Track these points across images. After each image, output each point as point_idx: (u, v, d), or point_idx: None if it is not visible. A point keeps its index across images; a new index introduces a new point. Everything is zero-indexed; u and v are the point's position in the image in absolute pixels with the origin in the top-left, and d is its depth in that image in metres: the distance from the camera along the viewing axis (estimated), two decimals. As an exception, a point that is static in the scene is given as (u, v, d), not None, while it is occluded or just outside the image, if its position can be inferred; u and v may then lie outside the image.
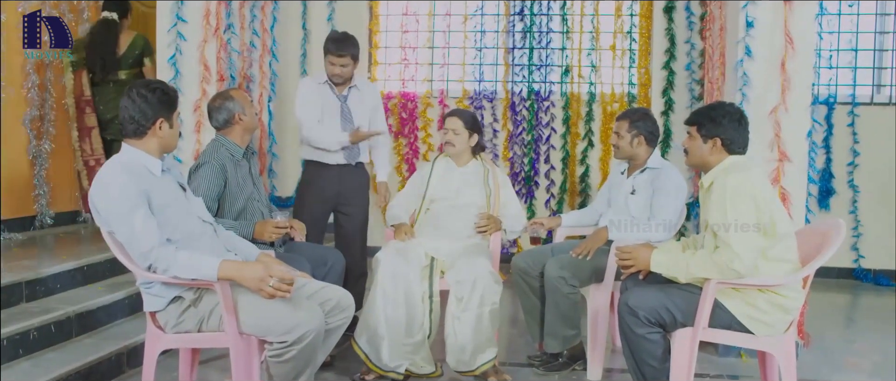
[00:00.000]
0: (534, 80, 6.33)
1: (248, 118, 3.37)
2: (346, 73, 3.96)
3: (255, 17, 5.07)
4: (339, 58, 3.91)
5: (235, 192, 3.31)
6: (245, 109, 3.35)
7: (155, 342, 2.76)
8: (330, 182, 4.06)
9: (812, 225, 3.23)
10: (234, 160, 3.33)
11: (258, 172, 3.51)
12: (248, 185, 3.38)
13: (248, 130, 3.39)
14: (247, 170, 3.41)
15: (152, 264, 2.53)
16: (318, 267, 3.36)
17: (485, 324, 3.41)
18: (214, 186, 3.23)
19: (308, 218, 3.81)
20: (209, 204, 3.14)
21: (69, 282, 3.88)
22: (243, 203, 3.34)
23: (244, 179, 3.37)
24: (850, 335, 4.60)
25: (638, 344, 2.86)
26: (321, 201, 4.08)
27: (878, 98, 6.05)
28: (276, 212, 3.48)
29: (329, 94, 4.03)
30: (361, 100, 4.09)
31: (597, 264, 3.52)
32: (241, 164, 3.37)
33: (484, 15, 6.40)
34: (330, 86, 4.04)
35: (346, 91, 4.05)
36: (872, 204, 5.95)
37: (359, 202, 4.16)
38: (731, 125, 2.87)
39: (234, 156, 3.33)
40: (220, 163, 3.25)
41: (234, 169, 3.31)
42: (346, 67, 3.94)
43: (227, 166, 3.28)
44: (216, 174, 3.23)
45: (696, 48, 5.96)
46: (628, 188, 3.69)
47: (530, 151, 6.33)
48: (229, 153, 3.32)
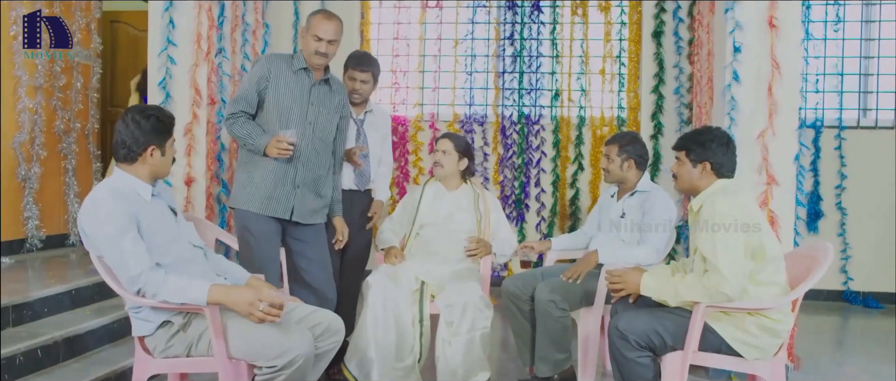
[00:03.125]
0: (524, 103, 6.37)
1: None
2: (365, 90, 3.80)
3: (246, 41, 5.09)
4: (362, 73, 3.78)
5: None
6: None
7: (143, 367, 2.74)
8: (344, 209, 3.78)
9: (800, 248, 3.25)
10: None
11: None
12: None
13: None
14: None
15: (141, 289, 2.52)
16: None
17: (476, 348, 3.40)
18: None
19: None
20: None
21: (57, 306, 3.85)
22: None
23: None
24: (840, 357, 4.61)
25: (628, 368, 2.86)
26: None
27: (864, 122, 6.11)
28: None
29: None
30: (376, 126, 3.96)
31: (587, 287, 3.52)
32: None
33: (474, 39, 6.45)
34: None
35: (363, 115, 3.91)
36: (861, 227, 5.98)
37: (363, 228, 3.95)
38: (720, 149, 2.90)
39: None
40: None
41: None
42: (366, 84, 3.79)
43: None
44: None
45: (684, 73, 6.01)
46: (618, 212, 3.70)
47: (520, 175, 6.36)
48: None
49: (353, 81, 3.78)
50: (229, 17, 4.77)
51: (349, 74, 3.80)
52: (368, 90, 3.84)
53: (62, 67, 5.34)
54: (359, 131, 3.88)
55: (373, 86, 3.87)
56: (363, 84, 3.79)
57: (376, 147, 3.96)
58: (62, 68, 5.34)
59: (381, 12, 6.60)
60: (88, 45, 5.67)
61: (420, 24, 6.51)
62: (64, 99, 5.38)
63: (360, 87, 3.78)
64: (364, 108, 3.91)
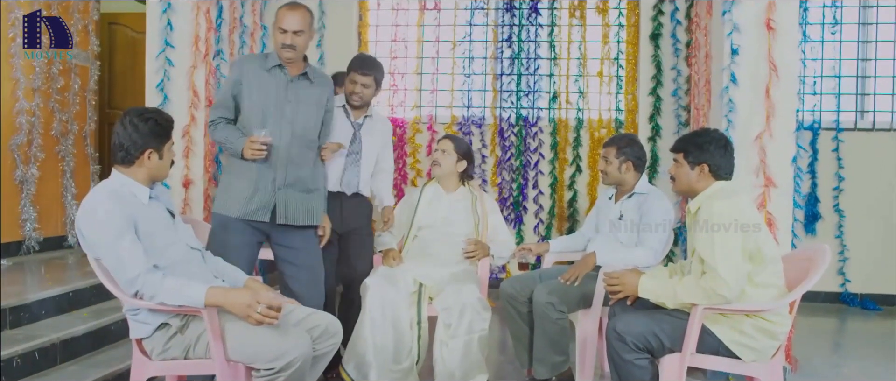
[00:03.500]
0: (522, 106, 6.37)
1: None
2: (366, 94, 3.74)
3: (244, 44, 5.09)
4: (364, 76, 3.73)
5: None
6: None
7: (141, 370, 2.73)
8: (332, 210, 3.75)
9: (798, 250, 3.25)
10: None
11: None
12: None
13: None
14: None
15: (139, 291, 2.52)
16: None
17: (474, 350, 3.41)
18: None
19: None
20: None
21: (54, 308, 3.84)
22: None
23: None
24: (838, 359, 4.61)
25: (626, 370, 2.86)
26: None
27: (861, 124, 6.12)
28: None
29: (343, 118, 3.80)
30: (374, 131, 3.87)
31: (585, 289, 3.53)
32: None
33: (472, 41, 6.45)
34: (346, 110, 3.81)
35: (362, 119, 3.83)
36: (858, 228, 5.99)
37: (363, 230, 3.89)
38: (718, 151, 2.90)
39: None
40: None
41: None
42: (367, 88, 3.73)
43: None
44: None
45: (682, 75, 6.02)
46: (616, 214, 3.70)
47: (518, 177, 6.36)
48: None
49: (354, 84, 3.74)
50: (227, 19, 4.77)
51: (351, 76, 3.76)
52: (370, 95, 3.78)
53: (60, 69, 5.33)
54: (355, 135, 3.80)
55: (375, 91, 3.80)
56: (364, 88, 3.74)
57: (373, 153, 3.86)
58: (60, 70, 5.34)
59: (379, 14, 6.61)
60: (86, 47, 5.66)
61: (418, 27, 6.51)
62: (62, 101, 5.38)
63: (360, 90, 3.73)
64: (364, 112, 3.85)
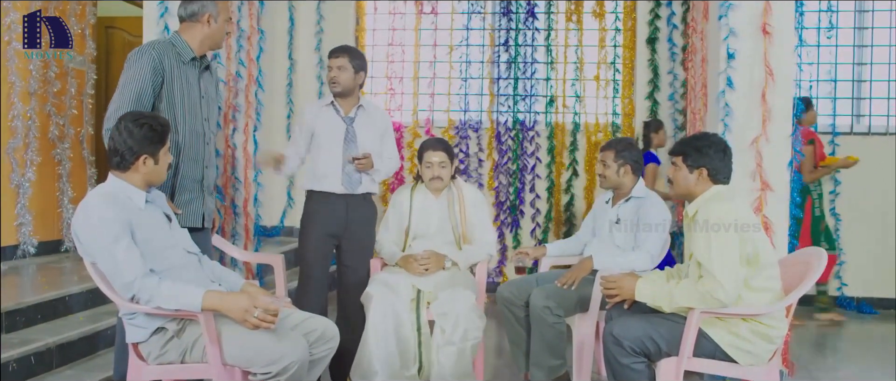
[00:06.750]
0: (519, 110, 6.38)
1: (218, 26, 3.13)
2: (342, 78, 3.63)
3: (241, 47, 5.09)
4: (336, 58, 3.65)
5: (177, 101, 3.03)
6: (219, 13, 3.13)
7: (138, 374, 2.72)
8: (335, 212, 3.70)
9: (794, 254, 3.25)
10: (181, 60, 3.07)
11: (216, 85, 3.22)
12: (195, 95, 3.10)
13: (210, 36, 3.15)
14: (195, 79, 3.13)
15: (135, 295, 2.51)
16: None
17: (466, 358, 3.45)
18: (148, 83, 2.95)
19: (313, 251, 3.70)
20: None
21: (50, 312, 3.83)
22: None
23: (189, 86, 3.08)
24: (834, 363, 4.61)
25: (623, 374, 2.86)
26: (326, 233, 3.72)
27: (857, 128, 6.14)
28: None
29: (333, 115, 3.72)
30: (369, 122, 3.76)
31: (582, 293, 3.53)
32: (189, 70, 3.09)
33: (469, 46, 6.46)
34: (335, 107, 3.72)
35: (354, 112, 3.73)
36: (855, 232, 6.00)
37: (365, 235, 3.83)
38: (717, 155, 2.91)
39: (183, 56, 3.07)
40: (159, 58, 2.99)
41: (179, 72, 3.04)
42: (343, 70, 3.63)
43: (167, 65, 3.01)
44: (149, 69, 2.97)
45: (678, 79, 6.04)
46: (613, 217, 3.71)
47: (515, 181, 6.36)
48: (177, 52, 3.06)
49: (330, 71, 3.69)
50: (224, 23, 4.76)
51: (327, 65, 3.73)
52: (346, 78, 3.66)
53: (57, 73, 5.32)
54: (348, 130, 3.70)
55: (353, 75, 3.67)
56: (340, 71, 3.64)
57: (370, 146, 3.73)
58: (56, 74, 5.32)
59: (376, 18, 6.61)
60: (83, 51, 5.65)
61: (415, 31, 6.52)
62: (58, 105, 5.37)
63: (336, 73, 3.65)
64: (353, 103, 3.74)
